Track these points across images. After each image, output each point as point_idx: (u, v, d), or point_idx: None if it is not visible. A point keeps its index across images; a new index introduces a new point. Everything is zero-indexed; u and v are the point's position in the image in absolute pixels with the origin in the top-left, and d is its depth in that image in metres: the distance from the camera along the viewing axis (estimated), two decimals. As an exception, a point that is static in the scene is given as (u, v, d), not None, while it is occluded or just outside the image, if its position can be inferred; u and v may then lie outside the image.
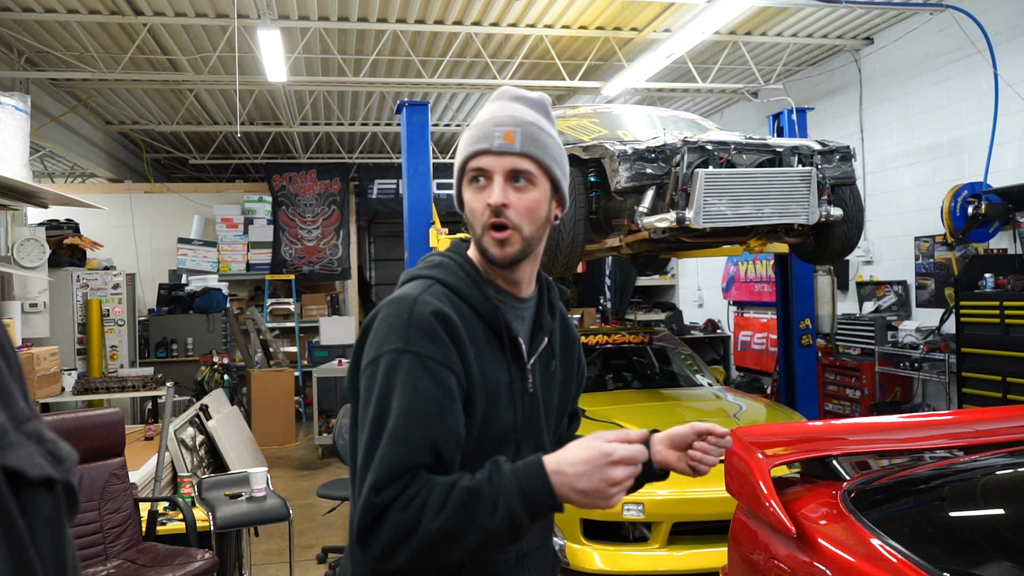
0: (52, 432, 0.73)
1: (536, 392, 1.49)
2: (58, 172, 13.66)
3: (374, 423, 1.31)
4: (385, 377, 1.32)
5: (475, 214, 1.44)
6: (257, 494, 4.35)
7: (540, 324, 1.53)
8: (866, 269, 8.37)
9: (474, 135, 1.45)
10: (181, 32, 7.74)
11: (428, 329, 1.34)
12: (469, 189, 1.45)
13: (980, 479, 2.28)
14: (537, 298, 1.55)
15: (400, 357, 1.32)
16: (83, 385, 6.31)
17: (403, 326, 1.34)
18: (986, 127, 6.67)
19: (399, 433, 1.29)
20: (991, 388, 5.96)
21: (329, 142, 12.85)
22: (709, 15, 6.56)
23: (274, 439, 9.19)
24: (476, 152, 1.43)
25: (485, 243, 1.43)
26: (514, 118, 1.45)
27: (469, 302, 1.42)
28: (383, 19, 7.57)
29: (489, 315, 1.43)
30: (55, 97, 9.26)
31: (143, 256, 11.76)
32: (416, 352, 1.32)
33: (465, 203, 1.47)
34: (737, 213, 4.38)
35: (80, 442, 3.81)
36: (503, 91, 1.53)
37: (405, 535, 1.24)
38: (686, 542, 4.44)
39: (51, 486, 0.70)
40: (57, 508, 0.70)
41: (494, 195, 1.41)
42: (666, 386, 6.22)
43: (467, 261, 1.48)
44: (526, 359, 1.48)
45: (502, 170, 1.42)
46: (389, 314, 1.37)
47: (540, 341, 1.51)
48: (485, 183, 1.43)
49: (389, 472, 1.26)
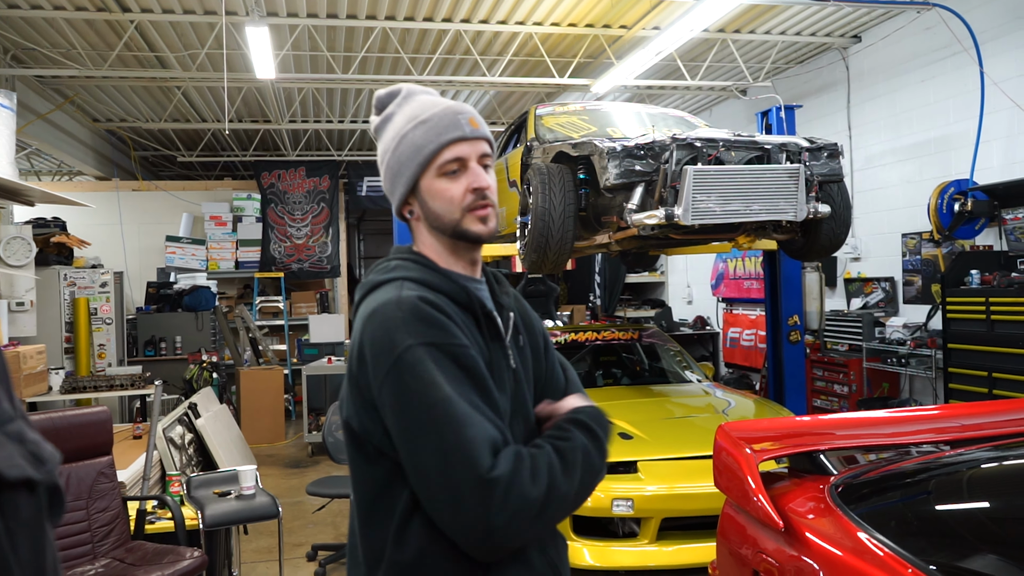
0: (35, 433, 0.72)
1: (518, 368, 1.50)
2: (45, 170, 13.57)
3: (432, 423, 1.27)
4: (414, 377, 1.29)
5: (453, 200, 1.45)
6: (246, 492, 4.34)
7: (500, 303, 1.55)
8: (854, 266, 8.42)
9: (436, 126, 1.45)
10: (169, 29, 7.70)
11: (428, 318, 1.34)
12: (440, 180, 1.46)
13: (966, 473, 2.30)
14: (485, 279, 1.57)
15: (416, 351, 1.31)
16: (70, 384, 6.27)
17: (403, 325, 1.33)
18: (972, 125, 6.72)
19: (466, 416, 1.28)
20: (977, 383, 6.01)
21: (318, 139, 12.81)
22: (698, 12, 6.57)
23: (263, 437, 9.17)
24: (451, 140, 1.44)
25: (467, 224, 1.46)
26: (461, 105, 1.51)
27: (440, 290, 1.42)
28: (372, 16, 7.55)
29: (461, 297, 1.43)
30: (42, 94, 9.20)
31: (131, 254, 11.70)
32: (429, 343, 1.32)
33: (436, 193, 1.46)
34: (726, 210, 4.39)
35: (67, 441, 3.79)
36: (412, 88, 1.56)
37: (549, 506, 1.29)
38: (675, 537, 4.45)
39: (32, 487, 0.69)
40: (38, 509, 0.70)
41: (482, 179, 1.46)
42: (655, 383, 6.24)
43: (421, 256, 1.50)
44: (504, 335, 1.49)
45: (475, 155, 1.47)
46: (380, 324, 1.35)
47: (508, 318, 1.53)
48: (460, 171, 1.46)
49: (484, 450, 1.26)
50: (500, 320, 1.50)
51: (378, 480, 1.39)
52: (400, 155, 1.48)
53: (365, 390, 1.35)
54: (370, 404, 1.35)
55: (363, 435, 1.38)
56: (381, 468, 1.38)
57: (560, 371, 1.64)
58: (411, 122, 1.48)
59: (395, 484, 1.37)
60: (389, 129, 1.52)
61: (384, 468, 1.37)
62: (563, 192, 4.66)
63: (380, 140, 1.55)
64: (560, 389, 1.61)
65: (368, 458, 1.39)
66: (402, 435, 1.31)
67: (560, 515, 1.33)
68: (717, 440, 2.56)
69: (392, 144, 1.50)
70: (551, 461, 1.32)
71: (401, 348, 1.31)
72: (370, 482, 1.40)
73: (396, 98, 1.55)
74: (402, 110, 1.52)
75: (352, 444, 1.43)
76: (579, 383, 1.66)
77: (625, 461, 4.54)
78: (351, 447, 1.43)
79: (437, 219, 1.47)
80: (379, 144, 1.56)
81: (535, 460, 1.30)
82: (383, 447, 1.36)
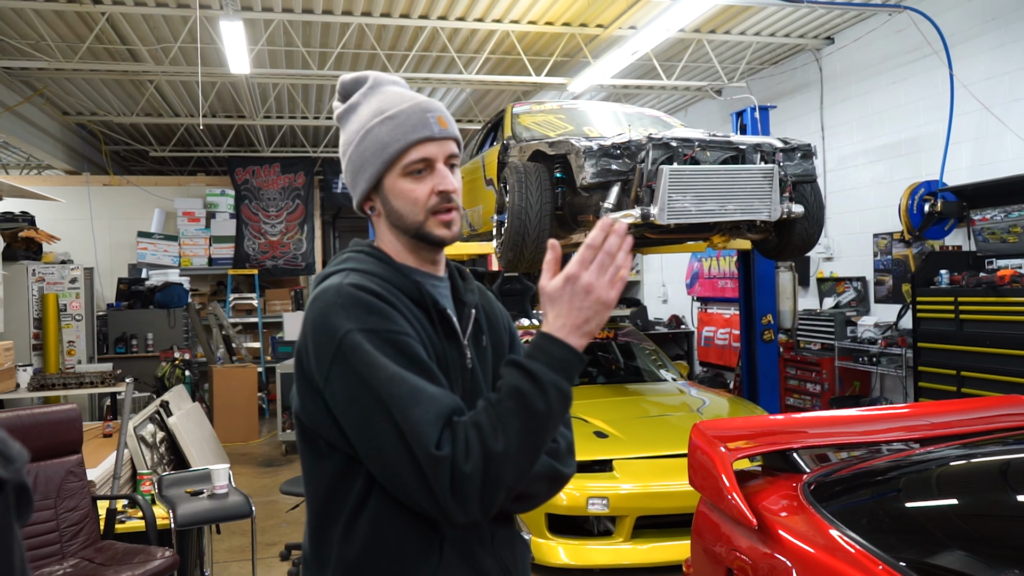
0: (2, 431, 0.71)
1: (475, 367, 1.47)
2: (13, 163, 13.33)
3: (381, 404, 1.24)
4: (357, 360, 1.27)
5: (417, 202, 1.41)
6: (219, 491, 4.30)
7: (462, 300, 1.51)
8: (826, 265, 8.51)
9: (403, 123, 1.41)
10: (141, 22, 7.59)
11: (366, 304, 1.31)
12: (405, 179, 1.42)
13: (935, 470, 2.34)
14: (448, 276, 1.54)
15: (355, 336, 1.28)
16: (39, 381, 6.17)
17: (341, 310, 1.30)
18: (942, 126, 6.82)
19: (412, 394, 1.24)
20: (946, 382, 6.10)
21: (293, 136, 12.70)
22: (674, 13, 6.60)
23: (237, 436, 9.08)
24: (418, 140, 1.40)
25: (430, 227, 1.42)
26: (430, 102, 1.46)
27: (389, 282, 1.38)
28: (348, 12, 7.50)
29: (412, 292, 1.40)
30: (9, 86, 9.03)
31: (102, 250, 11.53)
32: (369, 328, 1.29)
33: (399, 192, 1.42)
34: (701, 209, 4.42)
35: (35, 439, 3.73)
36: (380, 77, 1.51)
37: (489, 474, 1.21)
38: (650, 535, 4.48)
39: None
40: (5, 509, 0.68)
41: (448, 181, 1.42)
42: (631, 381, 6.27)
43: (377, 249, 1.47)
44: (460, 334, 1.46)
45: (443, 156, 1.43)
46: (320, 311, 1.32)
47: (468, 316, 1.50)
48: (425, 172, 1.42)
49: (432, 428, 1.22)
50: (457, 318, 1.46)
51: (330, 475, 1.36)
52: (364, 150, 1.43)
53: (311, 379, 1.33)
54: (316, 392, 1.32)
55: (312, 428, 1.36)
56: (331, 462, 1.35)
57: None
58: (377, 116, 1.43)
59: (347, 479, 1.34)
60: (353, 121, 1.47)
61: (335, 462, 1.35)
62: (540, 191, 4.66)
63: (344, 130, 1.50)
64: None
65: (319, 454, 1.37)
66: (355, 420, 1.28)
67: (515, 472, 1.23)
68: (692, 439, 2.58)
69: (355, 137, 1.45)
70: (478, 424, 1.23)
71: (341, 333, 1.28)
72: (322, 478, 1.38)
73: (362, 87, 1.50)
74: (368, 101, 1.47)
75: (303, 439, 1.40)
76: None
77: (600, 460, 4.56)
78: (302, 443, 1.41)
79: (400, 219, 1.44)
80: (342, 134, 1.50)
81: (465, 431, 1.23)
82: (332, 439, 1.33)
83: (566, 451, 1.47)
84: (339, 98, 1.53)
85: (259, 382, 10.19)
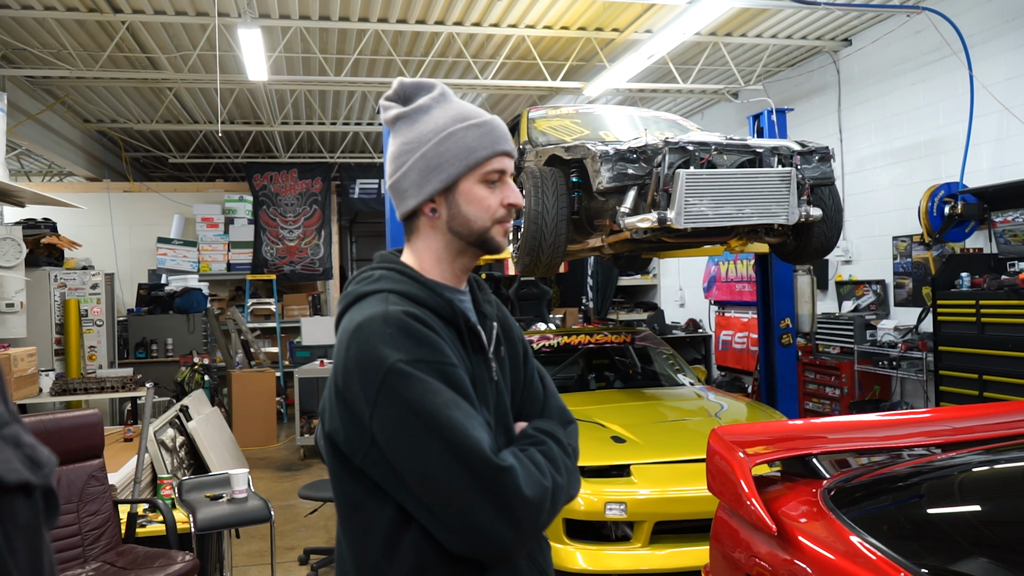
0: (31, 436, 0.72)
1: (499, 380, 1.50)
2: (35, 170, 13.50)
3: (434, 430, 1.26)
4: (407, 388, 1.28)
5: (488, 209, 1.46)
6: (238, 495, 4.33)
7: (483, 313, 1.54)
8: (845, 269, 8.45)
9: (492, 134, 1.46)
10: (161, 30, 7.68)
11: (416, 335, 1.33)
12: (481, 186, 1.46)
13: (958, 476, 2.31)
14: (468, 288, 1.57)
15: (405, 367, 1.29)
16: (61, 386, 6.24)
17: (391, 340, 1.31)
18: (962, 128, 6.76)
19: (467, 419, 1.30)
20: (968, 386, 6.03)
21: (310, 141, 12.78)
22: (690, 16, 6.59)
23: (255, 440, 9.14)
24: (502, 152, 1.47)
25: (493, 234, 1.48)
26: (498, 119, 1.51)
27: (424, 303, 1.40)
28: (365, 18, 7.55)
29: (445, 311, 1.42)
30: (32, 95, 9.15)
31: (122, 256, 11.65)
32: (418, 359, 1.30)
33: (473, 198, 1.45)
34: (718, 213, 4.40)
35: (58, 444, 3.77)
36: (448, 89, 1.53)
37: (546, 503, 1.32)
38: (668, 541, 4.45)
39: (29, 491, 0.69)
40: (35, 513, 0.69)
41: (517, 196, 1.50)
42: (648, 386, 6.24)
43: (406, 266, 1.48)
44: (488, 348, 1.49)
45: (509, 171, 1.50)
46: (367, 339, 1.32)
47: (491, 329, 1.53)
48: (498, 183, 1.48)
49: (489, 449, 1.29)
50: (484, 332, 1.49)
51: (358, 494, 1.38)
52: (445, 151, 1.44)
53: (352, 405, 1.33)
54: (357, 420, 1.32)
55: (347, 451, 1.37)
56: (361, 485, 1.37)
57: (538, 381, 1.63)
58: (462, 122, 1.45)
59: (374, 500, 1.36)
60: (426, 122, 1.47)
61: (364, 486, 1.36)
62: (556, 195, 4.66)
63: (406, 130, 1.49)
64: (539, 399, 1.60)
65: (352, 474, 1.38)
66: (403, 447, 1.28)
67: (558, 510, 1.37)
68: (710, 444, 2.57)
69: (434, 137, 1.44)
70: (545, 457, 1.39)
71: (390, 363, 1.28)
72: (350, 495, 1.39)
73: (430, 92, 1.50)
74: (443, 107, 1.48)
75: (334, 456, 1.41)
76: (556, 393, 1.65)
77: (618, 464, 4.54)
78: (332, 458, 1.41)
79: (465, 223, 1.46)
80: (402, 134, 1.49)
81: (531, 457, 1.36)
82: (364, 466, 1.34)
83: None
84: (398, 100, 1.52)
85: (277, 387, 10.24)
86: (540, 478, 1.32)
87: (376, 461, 1.32)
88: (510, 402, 1.53)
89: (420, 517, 1.30)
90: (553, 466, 1.37)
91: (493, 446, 1.30)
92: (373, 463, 1.32)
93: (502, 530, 1.25)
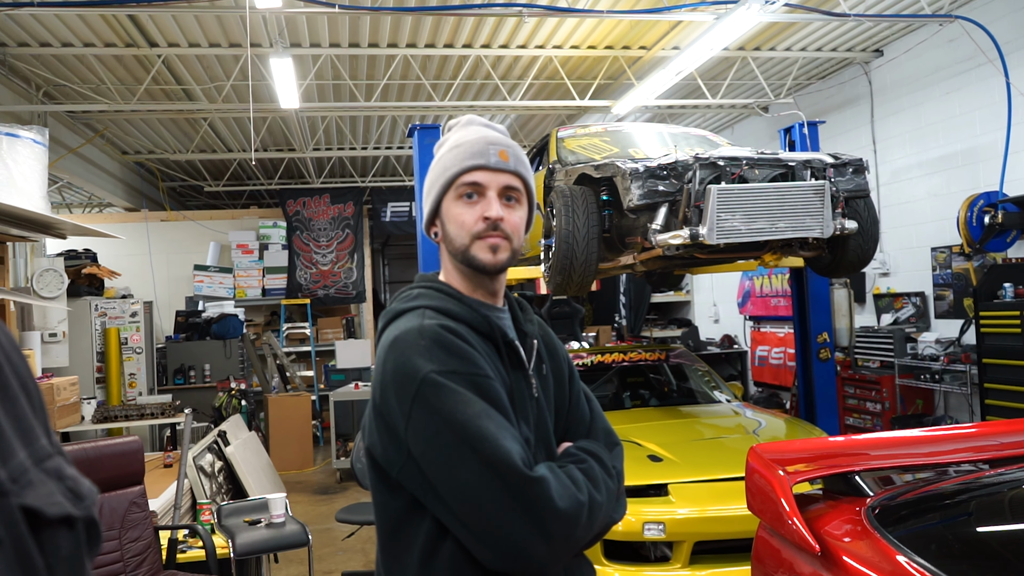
0: (73, 468, 0.73)
1: (540, 397, 1.50)
2: (76, 202, 13.83)
3: (466, 441, 1.27)
4: (440, 399, 1.29)
5: (464, 226, 1.46)
6: (276, 520, 4.35)
7: (523, 330, 1.55)
8: (883, 281, 8.31)
9: (464, 152, 1.48)
10: (195, 62, 7.85)
11: (450, 346, 1.34)
12: (458, 203, 1.48)
13: (1007, 493, 2.25)
14: (508, 308, 1.57)
15: (438, 378, 1.30)
16: (102, 414, 6.34)
17: (425, 352, 1.33)
18: (1000, 136, 6.64)
19: (499, 430, 1.29)
20: (1015, 399, 5.88)
21: (342, 166, 12.94)
22: (717, 32, 6.57)
23: (292, 464, 9.20)
24: (471, 167, 1.47)
25: (475, 251, 1.46)
26: (501, 139, 1.51)
27: (461, 319, 1.42)
28: (394, 44, 7.65)
29: (483, 326, 1.43)
30: (72, 129, 9.40)
31: (160, 284, 11.86)
32: (452, 371, 1.31)
33: (451, 216, 1.49)
34: (751, 228, 4.36)
35: (100, 471, 3.82)
36: (471, 118, 1.59)
37: (582, 518, 1.30)
38: (708, 561, 4.38)
39: (71, 524, 0.70)
40: (77, 545, 0.70)
41: (493, 209, 1.46)
42: (684, 403, 6.18)
43: (444, 284, 1.51)
44: (527, 364, 1.49)
45: (496, 186, 1.47)
46: (402, 352, 1.35)
47: (531, 346, 1.54)
48: (477, 198, 1.47)
49: (522, 457, 1.28)
50: (523, 349, 1.50)
51: (399, 508, 1.39)
52: (432, 176, 1.53)
53: (388, 417, 1.35)
54: (393, 433, 1.34)
55: (384, 465, 1.38)
56: (401, 499, 1.38)
57: (584, 402, 1.63)
58: (449, 147, 1.52)
59: (415, 514, 1.36)
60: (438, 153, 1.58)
61: (404, 499, 1.37)
62: (586, 214, 4.66)
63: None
64: (584, 420, 1.60)
65: (391, 488, 1.39)
66: (436, 458, 1.29)
67: (596, 528, 1.35)
68: (749, 462, 2.53)
69: (431, 165, 1.56)
70: (584, 474, 1.37)
71: (423, 374, 1.31)
72: (391, 510, 1.40)
73: (457, 125, 1.60)
74: (451, 136, 1.56)
75: (374, 471, 1.43)
76: (603, 415, 1.64)
77: (656, 484, 4.49)
78: (373, 473, 1.43)
79: (451, 243, 1.50)
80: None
81: (568, 472, 1.34)
82: (401, 479, 1.35)
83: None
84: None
85: (313, 410, 10.32)
86: (575, 492, 1.30)
87: (412, 474, 1.32)
88: (554, 422, 1.53)
89: (455, 531, 1.30)
90: (592, 484, 1.35)
91: (526, 458, 1.29)
92: (409, 476, 1.33)
93: (534, 543, 1.24)
